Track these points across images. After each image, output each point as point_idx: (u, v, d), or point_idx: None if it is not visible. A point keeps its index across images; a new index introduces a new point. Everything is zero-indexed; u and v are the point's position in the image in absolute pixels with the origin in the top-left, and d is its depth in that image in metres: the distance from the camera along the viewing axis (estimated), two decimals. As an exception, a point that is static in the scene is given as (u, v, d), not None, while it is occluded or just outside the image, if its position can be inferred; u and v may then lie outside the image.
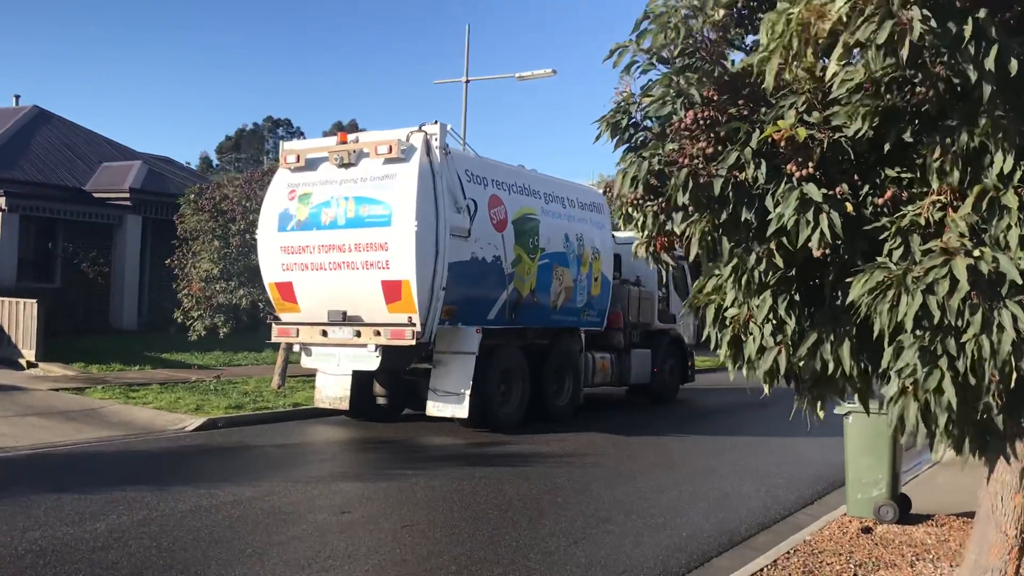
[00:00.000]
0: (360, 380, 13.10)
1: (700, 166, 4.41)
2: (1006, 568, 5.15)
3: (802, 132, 3.97)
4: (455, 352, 12.34)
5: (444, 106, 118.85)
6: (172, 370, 18.31)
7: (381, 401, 13.63)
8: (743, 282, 4.53)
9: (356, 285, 12.04)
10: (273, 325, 13.05)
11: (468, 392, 12.14)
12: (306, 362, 12.96)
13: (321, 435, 12.70)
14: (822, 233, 4.04)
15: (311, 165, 12.71)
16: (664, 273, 5.80)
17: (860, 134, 3.87)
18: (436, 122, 12.27)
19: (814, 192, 4.05)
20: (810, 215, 4.08)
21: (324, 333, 12.33)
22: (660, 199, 4.89)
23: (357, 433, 12.81)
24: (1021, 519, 5.12)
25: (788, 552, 7.06)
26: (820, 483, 10.21)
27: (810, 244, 4.12)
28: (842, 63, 3.44)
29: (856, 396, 5.04)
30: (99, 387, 15.24)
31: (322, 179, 12.50)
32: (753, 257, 4.50)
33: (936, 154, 3.67)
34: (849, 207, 4.12)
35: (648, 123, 4.78)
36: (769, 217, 4.33)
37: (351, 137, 12.70)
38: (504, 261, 13.09)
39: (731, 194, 4.36)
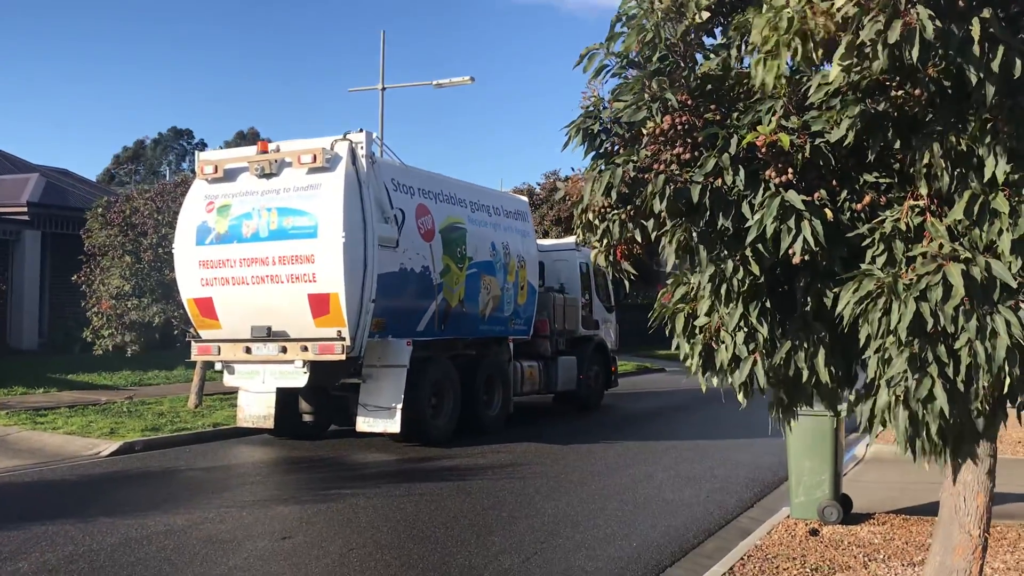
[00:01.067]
0: (285, 397, 12.68)
1: (675, 172, 4.31)
2: (971, 568, 5.19)
3: (785, 139, 3.90)
4: (385, 366, 12.04)
5: (358, 116, 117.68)
6: (80, 392, 17.43)
7: (307, 418, 13.30)
8: (722, 291, 4.45)
9: (281, 299, 11.67)
10: (192, 343, 12.57)
11: (400, 406, 11.86)
12: (229, 380, 12.43)
13: (248, 456, 12.22)
14: (804, 241, 3.99)
15: (229, 176, 12.23)
16: (627, 282, 5.68)
17: (845, 141, 3.81)
18: (361, 130, 12.00)
19: (795, 199, 3.99)
20: (792, 222, 4.02)
21: (248, 350, 11.91)
22: (628, 207, 4.80)
23: (285, 452, 12.38)
24: (984, 518, 5.17)
25: (742, 559, 7.04)
26: (756, 486, 10.30)
27: (791, 252, 4.07)
28: (845, 63, 3.37)
29: (821, 400, 5.03)
30: (2, 412, 14.38)
31: (242, 190, 12.08)
32: (730, 265, 4.43)
33: (925, 159, 3.64)
34: (828, 213, 4.08)
35: (617, 129, 4.66)
36: (747, 224, 4.27)
37: (272, 146, 12.24)
38: (433, 271, 12.88)
39: (708, 201, 4.28)
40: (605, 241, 5.47)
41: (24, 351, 21.79)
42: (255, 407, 12.68)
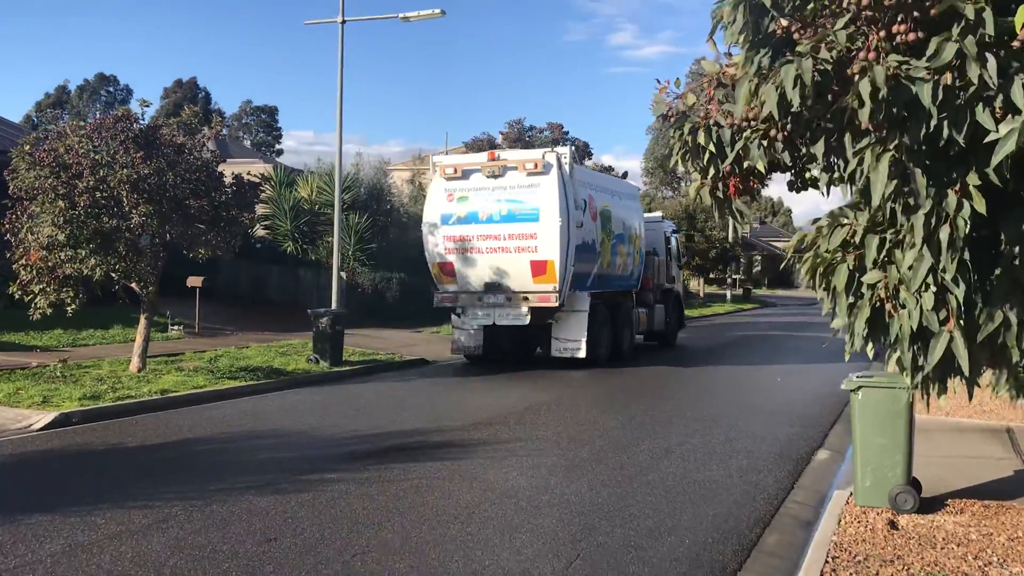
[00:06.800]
0: (490, 333, 17.57)
1: (894, 64, 3.00)
2: None
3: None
4: (572, 311, 17.07)
5: (313, 52, 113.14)
6: (5, 354, 15.64)
7: (506, 346, 18.11)
8: (940, 237, 3.17)
9: (508, 264, 16.65)
10: (435, 294, 17.55)
11: (584, 339, 17.04)
12: (456, 321, 17.52)
13: (203, 428, 10.68)
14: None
15: (464, 175, 17.09)
16: (738, 224, 4.61)
17: None
18: (566, 144, 16.21)
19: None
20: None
21: (480, 299, 17.00)
22: (785, 119, 3.50)
23: (236, 427, 10.94)
24: None
25: (828, 561, 5.89)
26: (787, 462, 9.32)
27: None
28: None
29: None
30: (-85, 378, 12.63)
31: (475, 186, 16.99)
32: (952, 199, 3.17)
33: None
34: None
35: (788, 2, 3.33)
36: (987, 139, 3.00)
37: (497, 154, 17.33)
38: (596, 244, 17.87)
39: (935, 106, 3.00)
40: (712, 171, 4.20)
41: (-59, 308, 19.72)
42: (468, 340, 17.73)
